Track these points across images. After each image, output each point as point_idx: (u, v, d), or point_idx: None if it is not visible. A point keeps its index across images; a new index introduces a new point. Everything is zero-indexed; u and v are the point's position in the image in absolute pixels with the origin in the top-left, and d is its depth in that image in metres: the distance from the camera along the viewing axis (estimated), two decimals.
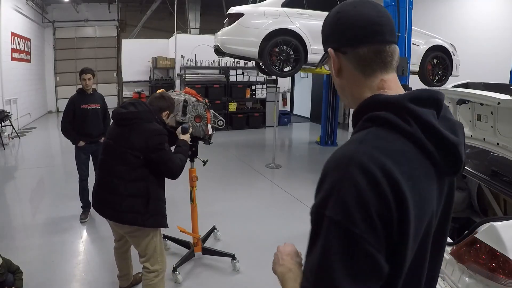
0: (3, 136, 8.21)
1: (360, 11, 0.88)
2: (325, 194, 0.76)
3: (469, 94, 2.45)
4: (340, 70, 0.92)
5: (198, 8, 12.36)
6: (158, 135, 2.45)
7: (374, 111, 0.83)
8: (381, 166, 0.73)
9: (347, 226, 0.71)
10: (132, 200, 2.44)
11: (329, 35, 0.94)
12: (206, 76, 10.83)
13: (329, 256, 0.72)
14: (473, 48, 6.84)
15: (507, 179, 2.54)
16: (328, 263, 0.72)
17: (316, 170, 7.22)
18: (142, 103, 2.57)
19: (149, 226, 2.51)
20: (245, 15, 5.76)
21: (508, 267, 1.63)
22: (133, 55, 11.70)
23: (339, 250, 0.71)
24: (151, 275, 2.59)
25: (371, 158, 0.74)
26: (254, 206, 5.01)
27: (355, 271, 0.71)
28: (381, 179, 0.72)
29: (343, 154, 0.79)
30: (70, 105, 4.27)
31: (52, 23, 13.69)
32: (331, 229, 0.73)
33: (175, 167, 2.51)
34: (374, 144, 0.77)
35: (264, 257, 3.64)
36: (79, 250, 3.79)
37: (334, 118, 8.99)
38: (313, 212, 0.79)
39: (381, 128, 0.80)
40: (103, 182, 2.56)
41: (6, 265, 2.70)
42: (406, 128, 0.79)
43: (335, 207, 0.73)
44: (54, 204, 4.90)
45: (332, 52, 0.91)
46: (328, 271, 0.72)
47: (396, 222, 0.73)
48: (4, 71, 9.10)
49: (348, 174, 0.73)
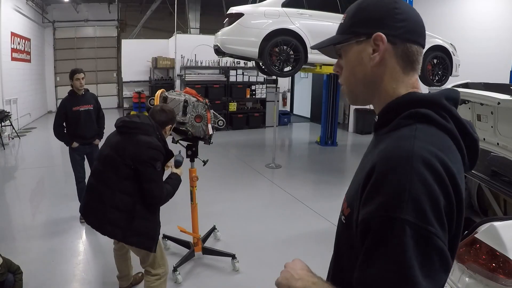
0: (3, 136, 8.21)
1: (414, 9, 0.89)
2: (393, 196, 0.71)
3: (469, 94, 2.44)
4: (382, 59, 0.86)
5: (198, 8, 12.36)
6: (152, 149, 2.36)
7: (413, 109, 0.82)
8: (441, 161, 0.73)
9: (424, 226, 0.69)
10: (115, 212, 2.35)
11: (379, 19, 0.86)
12: (206, 76, 10.83)
13: (408, 261, 0.68)
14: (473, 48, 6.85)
15: (507, 179, 2.54)
16: (409, 271, 0.68)
17: (316, 170, 7.23)
18: (147, 117, 2.53)
19: (130, 244, 2.44)
20: (245, 15, 5.76)
21: (508, 267, 1.63)
22: (133, 55, 11.69)
23: (418, 252, 0.69)
24: (153, 278, 2.59)
25: (431, 153, 0.73)
26: (254, 206, 5.01)
27: (432, 270, 0.70)
28: (444, 175, 0.72)
29: (399, 152, 0.75)
30: (62, 108, 4.21)
31: (52, 23, 13.68)
32: (407, 232, 0.69)
33: (157, 192, 2.37)
34: (428, 140, 0.76)
35: (264, 257, 3.66)
36: (79, 250, 3.79)
37: (334, 118, 8.99)
38: (376, 216, 0.72)
39: (424, 124, 0.80)
40: (92, 188, 2.51)
41: (6, 265, 2.69)
42: (446, 125, 0.80)
43: (409, 208, 0.69)
44: (54, 204, 4.90)
45: (385, 38, 0.84)
46: (410, 278, 0.68)
47: (455, 215, 0.74)
48: (4, 71, 9.09)
49: (415, 171, 0.71)
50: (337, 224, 0.97)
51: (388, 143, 0.79)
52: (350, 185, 0.94)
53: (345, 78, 0.94)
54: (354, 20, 0.90)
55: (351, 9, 0.92)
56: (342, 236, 0.93)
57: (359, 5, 0.90)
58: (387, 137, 0.82)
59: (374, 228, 0.73)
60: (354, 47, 0.89)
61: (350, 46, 0.90)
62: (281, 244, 3.93)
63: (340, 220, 0.93)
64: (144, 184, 2.35)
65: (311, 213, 4.77)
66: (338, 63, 0.96)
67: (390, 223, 0.70)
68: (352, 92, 0.95)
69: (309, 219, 4.59)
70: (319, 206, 4.90)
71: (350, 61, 0.91)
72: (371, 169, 0.77)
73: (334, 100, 8.94)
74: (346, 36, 0.90)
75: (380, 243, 0.71)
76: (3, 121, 8.24)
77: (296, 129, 11.85)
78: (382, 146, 0.80)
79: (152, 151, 2.36)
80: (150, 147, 2.37)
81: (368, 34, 0.86)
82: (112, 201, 2.36)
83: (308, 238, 4.07)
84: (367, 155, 0.92)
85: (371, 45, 0.86)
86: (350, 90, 0.94)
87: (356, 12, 0.90)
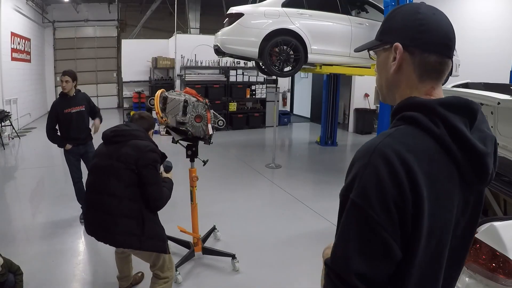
0: (3, 136, 8.21)
1: (439, 20, 0.92)
2: (350, 179, 0.84)
3: (469, 94, 2.45)
4: (400, 67, 0.93)
5: (198, 8, 12.36)
6: (153, 152, 2.42)
7: (408, 111, 0.88)
8: (402, 159, 0.79)
9: (366, 209, 0.79)
10: (127, 221, 2.33)
11: (401, 29, 0.93)
12: (206, 76, 10.82)
13: (347, 232, 0.81)
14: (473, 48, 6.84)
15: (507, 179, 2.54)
16: (345, 238, 0.82)
17: (316, 170, 7.23)
18: (133, 124, 2.59)
19: (146, 250, 2.42)
20: (245, 15, 5.76)
21: (508, 267, 1.63)
22: (133, 55, 11.68)
23: (357, 229, 0.80)
24: (161, 281, 2.58)
25: (393, 150, 0.80)
26: (254, 206, 5.01)
27: (368, 251, 0.79)
28: (400, 170, 0.78)
29: (369, 144, 0.85)
30: (53, 111, 4.16)
31: (52, 23, 13.69)
32: (352, 210, 0.81)
33: (160, 194, 2.42)
34: (399, 139, 0.83)
35: (264, 257, 3.66)
36: (79, 250, 3.79)
37: (334, 118, 8.99)
38: (340, 195, 0.87)
39: (411, 126, 0.86)
40: (94, 203, 2.45)
41: (7, 265, 2.69)
42: (434, 129, 0.84)
43: (357, 190, 0.81)
44: (54, 204, 4.91)
45: (401, 48, 0.91)
46: (344, 244, 0.81)
47: (410, 214, 0.79)
48: (4, 71, 9.10)
49: (371, 162, 0.80)
50: None
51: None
52: None
53: (376, 79, 1.04)
54: (383, 27, 0.99)
55: (386, 15, 1.01)
56: None
57: (391, 13, 0.98)
58: None
59: (339, 203, 0.87)
60: (382, 53, 0.98)
61: (380, 51, 0.99)
62: (281, 244, 3.92)
63: None
64: (148, 187, 2.36)
65: (311, 213, 4.77)
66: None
67: (345, 201, 0.84)
68: (380, 92, 1.03)
69: (309, 219, 4.59)
70: (319, 206, 4.90)
71: (379, 65, 1.00)
72: None
73: (334, 100, 8.94)
74: (376, 43, 0.99)
75: (339, 216, 0.86)
76: (3, 121, 8.25)
77: (296, 129, 11.85)
78: None
79: (153, 154, 2.41)
80: (151, 150, 2.40)
81: (392, 43, 0.93)
82: (120, 210, 2.33)
83: (308, 238, 4.07)
84: None
85: (393, 53, 0.94)
86: (379, 90, 1.03)
87: (386, 19, 0.99)
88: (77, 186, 4.39)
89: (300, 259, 3.61)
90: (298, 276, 3.32)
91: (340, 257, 0.82)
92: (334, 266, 0.82)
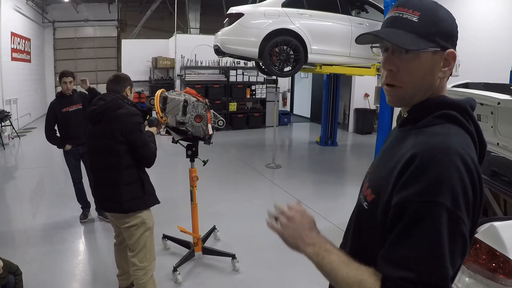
0: (3, 136, 8.21)
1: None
2: (433, 182, 0.79)
3: (469, 94, 2.45)
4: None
5: (198, 8, 12.36)
6: (133, 116, 2.53)
7: (444, 110, 0.91)
8: (471, 157, 0.83)
9: (456, 211, 0.78)
10: (130, 187, 2.53)
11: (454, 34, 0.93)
12: (206, 76, 10.82)
13: (441, 243, 0.77)
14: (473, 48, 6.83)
15: (507, 179, 2.54)
16: (441, 251, 0.77)
17: (316, 170, 7.23)
18: (109, 94, 2.64)
19: (151, 205, 2.66)
20: (245, 15, 5.77)
21: (508, 267, 1.63)
22: (133, 55, 11.68)
23: (449, 235, 0.77)
24: (140, 272, 2.62)
25: (464, 149, 0.83)
26: (254, 206, 5.01)
27: (455, 253, 0.79)
28: (473, 168, 0.82)
29: (440, 145, 0.83)
30: (51, 111, 4.15)
31: (52, 23, 13.69)
32: (443, 215, 0.77)
33: (150, 153, 2.58)
34: (460, 138, 0.86)
35: (264, 257, 3.65)
36: (79, 250, 3.79)
37: (334, 118, 8.99)
38: (417, 201, 0.79)
39: (453, 125, 0.89)
40: (99, 180, 2.64)
41: (7, 267, 2.68)
42: (469, 127, 0.90)
43: (447, 194, 0.78)
44: (54, 204, 4.91)
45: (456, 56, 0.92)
46: (439, 253, 0.77)
47: (477, 208, 0.83)
48: (4, 71, 9.10)
49: (453, 163, 0.80)
50: (354, 208, 1.09)
51: (425, 137, 0.87)
52: (373, 175, 1.02)
53: (405, 81, 0.92)
54: (437, 29, 0.89)
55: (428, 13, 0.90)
56: (362, 218, 1.01)
57: (438, 13, 0.90)
58: (420, 132, 0.89)
59: (412, 210, 0.79)
60: (430, 56, 0.89)
61: (426, 53, 0.89)
62: (281, 244, 3.90)
63: (361, 205, 1.01)
64: (138, 150, 2.52)
65: (311, 213, 4.76)
66: (394, 62, 0.92)
67: (429, 206, 0.78)
68: (405, 94, 0.94)
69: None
70: (319, 206, 4.90)
71: (422, 67, 0.90)
72: (411, 158, 0.83)
73: (334, 100, 8.94)
74: (427, 43, 0.88)
75: (417, 224, 0.79)
76: (3, 121, 8.25)
77: (296, 129, 11.85)
78: (419, 139, 0.87)
79: (134, 118, 2.53)
80: (131, 115, 2.53)
81: (445, 48, 0.90)
82: (123, 180, 2.51)
83: None
84: (393, 147, 0.97)
85: (443, 58, 0.91)
86: (405, 91, 0.93)
87: (437, 20, 0.89)
88: (77, 187, 4.38)
89: (300, 259, 3.58)
90: (298, 276, 3.32)
91: (437, 268, 0.76)
92: (432, 279, 0.77)
